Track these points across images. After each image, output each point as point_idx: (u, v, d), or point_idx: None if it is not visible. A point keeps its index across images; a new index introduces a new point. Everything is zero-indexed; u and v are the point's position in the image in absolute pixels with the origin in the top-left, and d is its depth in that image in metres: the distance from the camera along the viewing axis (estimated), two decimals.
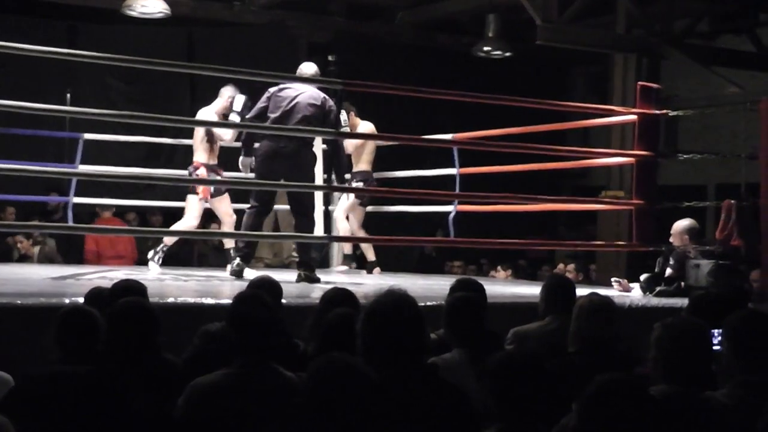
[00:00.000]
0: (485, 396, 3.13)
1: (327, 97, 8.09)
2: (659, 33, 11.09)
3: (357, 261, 10.44)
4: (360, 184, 9.64)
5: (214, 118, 8.56)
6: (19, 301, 5.32)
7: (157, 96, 11.81)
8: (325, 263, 10.79)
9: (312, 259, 8.36)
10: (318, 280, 7.91)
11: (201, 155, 8.61)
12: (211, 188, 8.60)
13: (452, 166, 9.42)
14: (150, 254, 8.80)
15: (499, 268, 12.10)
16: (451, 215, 9.10)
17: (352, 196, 9.71)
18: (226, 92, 8.63)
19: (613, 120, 9.34)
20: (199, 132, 8.65)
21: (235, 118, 8.35)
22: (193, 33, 13.29)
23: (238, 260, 8.04)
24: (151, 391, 3.58)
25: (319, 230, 9.79)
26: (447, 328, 4.45)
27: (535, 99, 8.29)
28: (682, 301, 6.83)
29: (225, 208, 8.76)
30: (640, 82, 8.89)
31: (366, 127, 9.65)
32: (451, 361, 4.16)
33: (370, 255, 10.10)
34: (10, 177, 8.18)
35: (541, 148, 8.23)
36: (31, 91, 9.65)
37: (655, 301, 7.33)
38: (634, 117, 8.45)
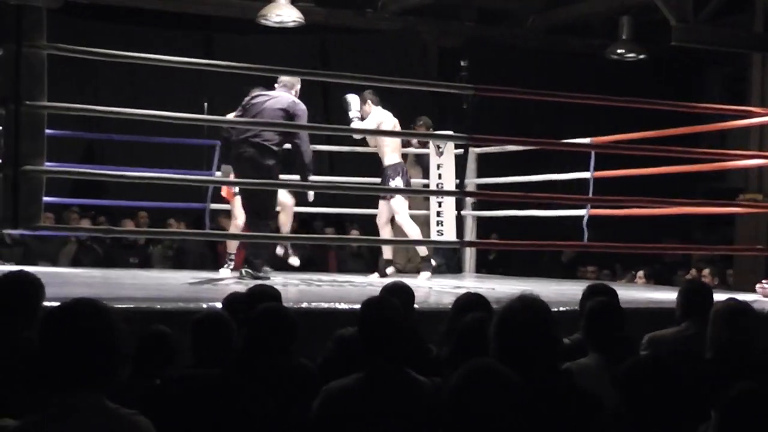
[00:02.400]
0: (619, 402, 3.08)
1: (296, 101, 8.09)
2: None
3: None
4: (398, 179, 8.87)
5: None
6: (158, 306, 5.44)
7: None
8: (458, 268, 10.77)
9: (261, 260, 8.09)
10: (267, 278, 7.80)
11: None
12: (235, 189, 8.65)
13: (581, 170, 9.28)
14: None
15: (641, 273, 11.88)
16: (585, 219, 8.98)
17: (399, 197, 8.93)
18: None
19: (751, 122, 9.10)
20: None
21: None
22: (326, 41, 13.44)
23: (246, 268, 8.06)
24: (285, 394, 3.61)
25: (451, 234, 9.79)
26: (584, 333, 4.39)
27: (669, 101, 8.14)
28: None
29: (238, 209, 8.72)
30: None
31: (383, 115, 8.93)
32: (586, 367, 4.10)
33: (387, 253, 9.30)
34: (150, 183, 8.37)
35: (677, 150, 8.07)
36: (169, 101, 9.87)
37: None
38: None
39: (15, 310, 3.95)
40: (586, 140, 9.07)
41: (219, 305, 4.87)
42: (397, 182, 8.87)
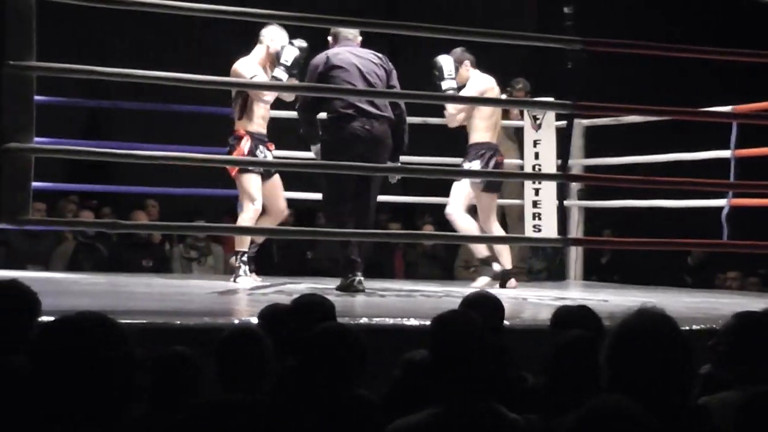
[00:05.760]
0: None
1: (383, 56, 8.08)
2: None
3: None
4: (476, 163, 9.05)
5: (256, 71, 8.50)
6: (178, 321, 5.48)
7: None
8: (560, 274, 10.73)
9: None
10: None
11: (243, 122, 8.60)
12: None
13: (722, 147, 9.17)
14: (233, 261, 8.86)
15: None
16: (725, 211, 8.89)
17: (466, 181, 9.07)
18: (268, 35, 8.55)
19: None
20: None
21: (280, 74, 8.27)
22: None
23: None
24: None
25: (551, 230, 9.74)
26: (726, 359, 4.34)
27: None
28: None
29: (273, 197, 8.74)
30: None
31: (483, 82, 9.14)
32: (728, 402, 4.06)
33: (506, 261, 9.28)
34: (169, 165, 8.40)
35: None
36: (194, 61, 9.94)
37: None
38: None
39: (3, 330, 3.94)
40: (727, 109, 8.97)
41: (254, 320, 4.90)
42: (473, 165, 8.95)
